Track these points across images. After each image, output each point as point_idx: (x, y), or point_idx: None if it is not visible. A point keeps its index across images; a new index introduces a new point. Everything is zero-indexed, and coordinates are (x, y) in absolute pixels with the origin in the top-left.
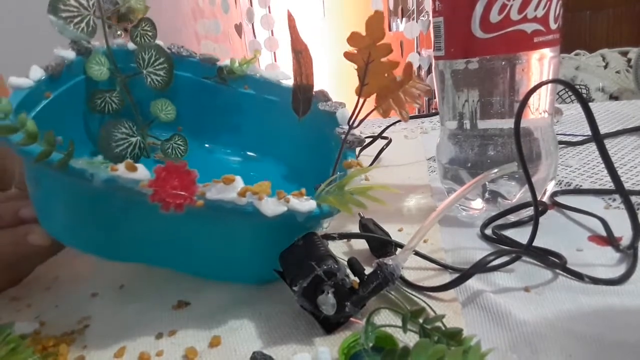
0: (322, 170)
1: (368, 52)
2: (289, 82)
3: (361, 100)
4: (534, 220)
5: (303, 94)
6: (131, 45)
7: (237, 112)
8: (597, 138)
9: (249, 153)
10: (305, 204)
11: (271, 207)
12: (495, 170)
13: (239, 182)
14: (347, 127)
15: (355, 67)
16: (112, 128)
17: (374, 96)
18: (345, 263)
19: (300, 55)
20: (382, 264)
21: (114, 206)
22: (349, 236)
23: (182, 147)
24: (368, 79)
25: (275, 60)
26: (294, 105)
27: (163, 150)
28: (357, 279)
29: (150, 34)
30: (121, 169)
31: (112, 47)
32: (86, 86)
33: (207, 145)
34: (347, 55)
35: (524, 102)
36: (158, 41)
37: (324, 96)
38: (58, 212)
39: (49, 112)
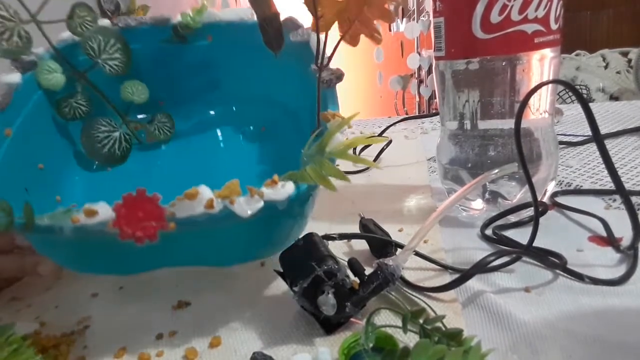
0: (315, 106)
1: None
2: (253, 18)
3: (322, 37)
4: (534, 221)
5: (271, 26)
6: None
7: (209, 67)
8: (598, 138)
9: (233, 107)
10: (281, 192)
11: (245, 207)
12: (496, 170)
13: (204, 194)
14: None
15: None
16: (91, 130)
17: None
18: (346, 263)
19: None
20: (382, 265)
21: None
22: (349, 237)
23: (167, 125)
24: (321, 10)
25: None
26: (266, 40)
27: (150, 133)
28: (357, 280)
29: (89, 19)
30: (82, 218)
31: (58, 47)
32: (48, 98)
33: (192, 113)
34: None
35: (524, 103)
36: (101, 21)
37: (293, 23)
38: (54, 250)
39: (20, 144)
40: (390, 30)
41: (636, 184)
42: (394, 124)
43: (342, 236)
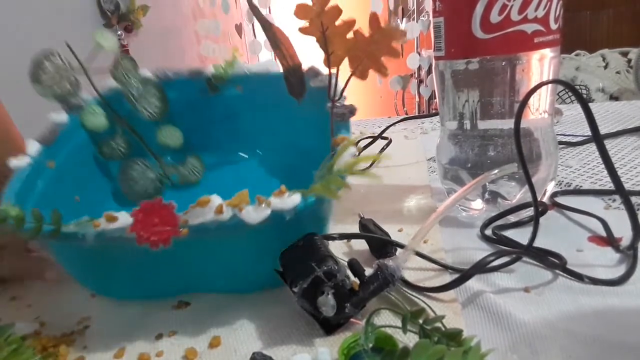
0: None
1: (320, 22)
2: (279, 69)
3: (334, 71)
4: (534, 221)
5: (294, 76)
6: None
7: (239, 114)
8: (597, 138)
9: (258, 151)
10: (287, 201)
11: (253, 215)
12: (496, 171)
13: (215, 201)
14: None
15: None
16: (128, 169)
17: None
18: (346, 264)
19: (276, 37)
20: (382, 265)
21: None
22: (349, 236)
23: (198, 167)
24: (332, 47)
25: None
26: (290, 90)
27: (182, 175)
28: (357, 280)
29: (131, 69)
30: (103, 223)
31: (102, 94)
32: (90, 138)
33: (221, 157)
34: (303, 30)
35: (524, 103)
36: (143, 71)
37: (314, 72)
38: (79, 270)
39: (61, 176)
40: None
41: (636, 184)
42: (394, 124)
43: (342, 236)
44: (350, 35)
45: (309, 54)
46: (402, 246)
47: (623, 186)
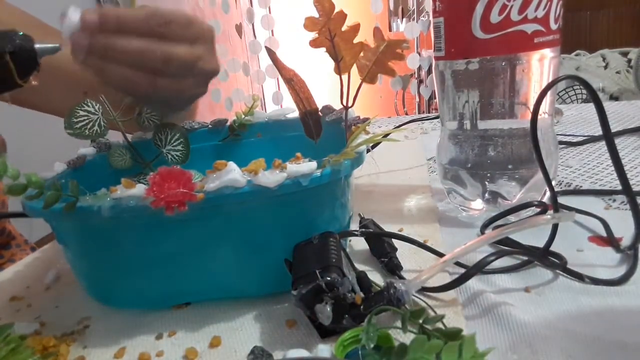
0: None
1: (328, 29)
2: (294, 113)
3: (345, 77)
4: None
5: (312, 118)
6: (147, 135)
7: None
8: (608, 136)
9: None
10: (303, 166)
11: (270, 177)
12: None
13: (232, 165)
14: (350, 117)
15: (325, 49)
16: None
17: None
18: (351, 277)
19: (293, 82)
20: (390, 286)
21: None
22: (369, 234)
23: None
24: (340, 53)
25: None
26: (307, 132)
27: None
28: (361, 294)
29: (155, 116)
30: (120, 189)
31: (132, 141)
32: (115, 174)
33: None
34: (313, 43)
35: (541, 97)
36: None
37: (328, 110)
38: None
39: None
40: (390, 30)
41: (636, 183)
42: (399, 126)
43: (364, 233)
44: (356, 40)
45: (309, 63)
46: (410, 240)
47: (630, 186)
